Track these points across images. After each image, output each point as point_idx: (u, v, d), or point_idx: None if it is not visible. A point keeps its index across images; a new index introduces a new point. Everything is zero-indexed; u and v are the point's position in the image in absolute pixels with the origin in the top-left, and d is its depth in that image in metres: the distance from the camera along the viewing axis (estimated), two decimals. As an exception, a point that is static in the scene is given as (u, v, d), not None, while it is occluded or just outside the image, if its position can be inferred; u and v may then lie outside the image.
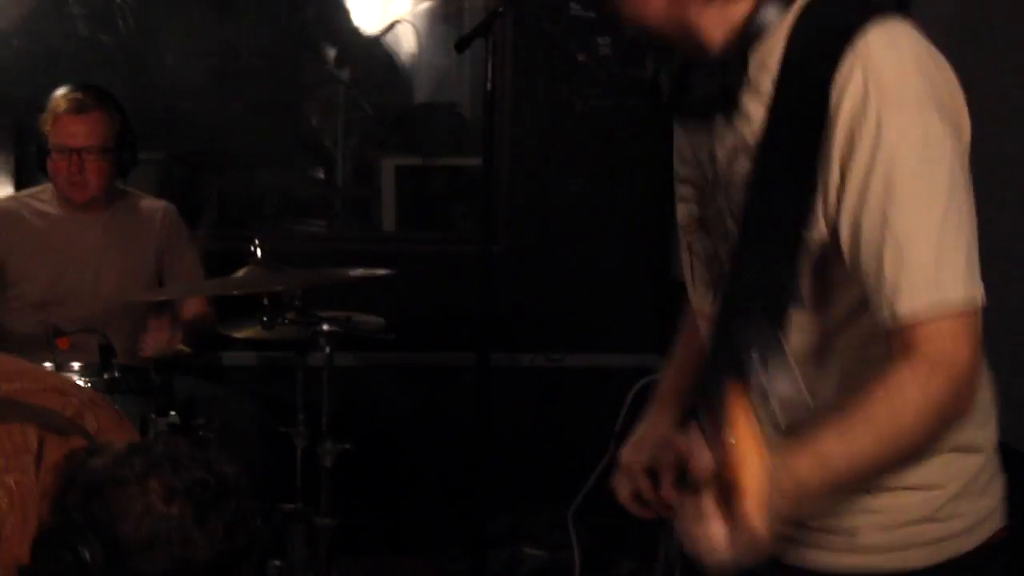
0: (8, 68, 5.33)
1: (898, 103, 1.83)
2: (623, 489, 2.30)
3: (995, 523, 2.12)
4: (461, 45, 4.23)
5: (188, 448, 2.27)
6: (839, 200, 1.86)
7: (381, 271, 4.00)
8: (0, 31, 5.43)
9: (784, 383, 1.76)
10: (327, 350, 3.97)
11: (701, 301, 2.29)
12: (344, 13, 5.71)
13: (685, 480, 2.10)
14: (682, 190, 2.25)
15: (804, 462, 1.78)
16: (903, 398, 1.80)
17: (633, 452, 2.33)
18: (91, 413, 2.45)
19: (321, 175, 5.91)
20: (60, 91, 4.30)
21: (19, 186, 4.87)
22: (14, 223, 4.37)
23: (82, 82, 4.36)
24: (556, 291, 5.00)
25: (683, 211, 2.29)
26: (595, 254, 4.98)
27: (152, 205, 4.60)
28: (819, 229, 1.91)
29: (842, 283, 1.94)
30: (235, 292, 4.07)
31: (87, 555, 2.12)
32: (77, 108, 4.24)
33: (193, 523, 2.17)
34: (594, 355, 5.07)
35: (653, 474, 2.24)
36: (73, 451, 2.31)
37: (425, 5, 5.77)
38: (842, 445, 1.80)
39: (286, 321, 3.95)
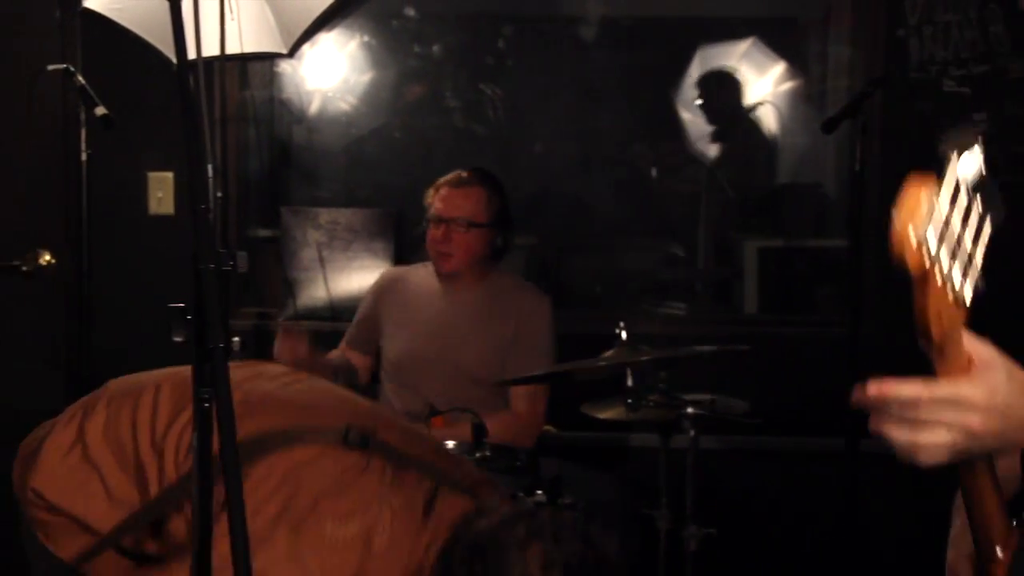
0: (390, 159, 5.58)
1: None
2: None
3: None
4: (829, 126, 4.21)
5: (571, 521, 2.32)
6: None
7: (743, 347, 3.99)
8: (384, 126, 5.70)
9: None
10: (691, 433, 3.94)
11: None
12: (707, 97, 5.77)
13: None
14: None
15: None
16: None
17: (955, 552, 2.23)
18: (484, 489, 2.51)
19: (681, 255, 5.93)
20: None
21: (397, 270, 5.07)
22: (394, 290, 4.55)
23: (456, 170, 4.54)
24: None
25: None
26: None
27: (526, 291, 4.65)
28: None
29: None
30: (606, 371, 4.09)
31: None
32: (457, 182, 4.40)
33: None
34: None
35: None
36: (465, 510, 2.39)
37: (787, 86, 5.78)
38: None
39: (650, 403, 3.96)
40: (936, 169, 4.49)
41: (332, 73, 5.65)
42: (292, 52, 5.05)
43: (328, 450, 2.50)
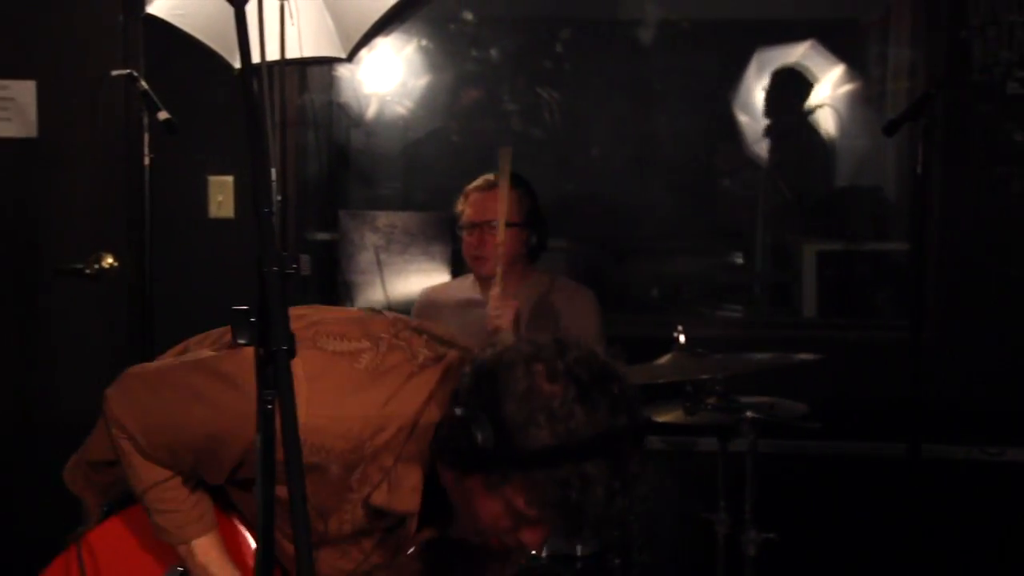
0: (447, 163, 5.61)
1: None
2: None
3: None
4: (891, 129, 4.20)
5: (575, 339, 2.32)
6: None
7: (807, 356, 3.97)
8: (441, 129, 5.72)
9: None
10: (751, 437, 3.95)
11: None
12: (765, 100, 5.76)
13: None
14: None
15: None
16: None
17: None
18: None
19: (739, 260, 5.92)
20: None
21: (454, 275, 5.08)
22: (434, 305, 4.60)
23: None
24: (991, 380, 4.83)
25: None
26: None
27: (570, 291, 4.65)
28: None
29: None
30: (661, 380, 4.08)
31: (479, 437, 2.20)
32: (486, 186, 4.42)
33: (575, 400, 2.20)
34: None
35: None
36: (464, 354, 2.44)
37: (846, 88, 5.76)
38: None
39: (708, 407, 3.96)
40: (999, 172, 4.50)
41: (390, 77, 5.69)
42: (351, 57, 5.09)
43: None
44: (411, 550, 2.54)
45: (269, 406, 1.97)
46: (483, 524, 2.36)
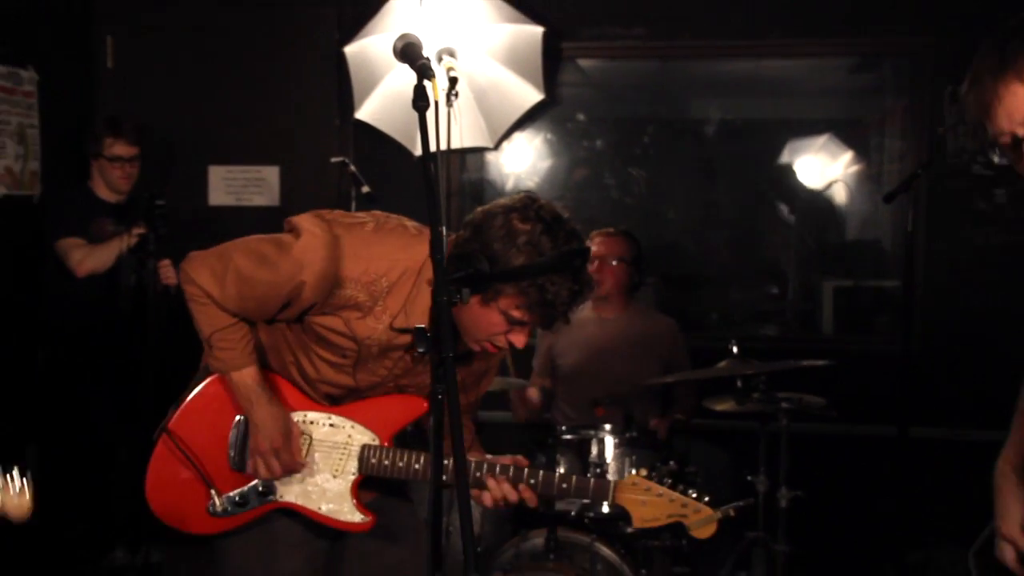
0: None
1: None
2: (1008, 554, 2.19)
3: None
4: (888, 198, 4.18)
5: (536, 197, 2.42)
6: None
7: (823, 362, 3.97)
8: (558, 198, 5.75)
9: None
10: (784, 421, 3.95)
11: None
12: (795, 176, 5.77)
13: None
14: None
15: None
16: None
17: (1006, 520, 2.21)
18: None
19: (776, 292, 5.90)
20: None
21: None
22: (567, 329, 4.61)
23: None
24: (962, 381, 4.80)
25: None
26: (994, 352, 4.74)
27: (659, 318, 4.67)
28: None
29: None
30: (721, 375, 4.09)
31: (478, 264, 2.31)
32: (608, 233, 4.46)
33: (542, 233, 2.32)
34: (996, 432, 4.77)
35: None
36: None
37: (854, 168, 5.72)
38: None
39: (753, 399, 3.97)
40: (967, 230, 4.43)
41: (523, 160, 5.69)
42: (496, 146, 5.17)
43: None
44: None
45: (440, 396, 2.05)
46: (482, 334, 2.44)
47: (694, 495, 2.55)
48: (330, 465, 2.61)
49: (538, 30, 4.98)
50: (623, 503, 2.57)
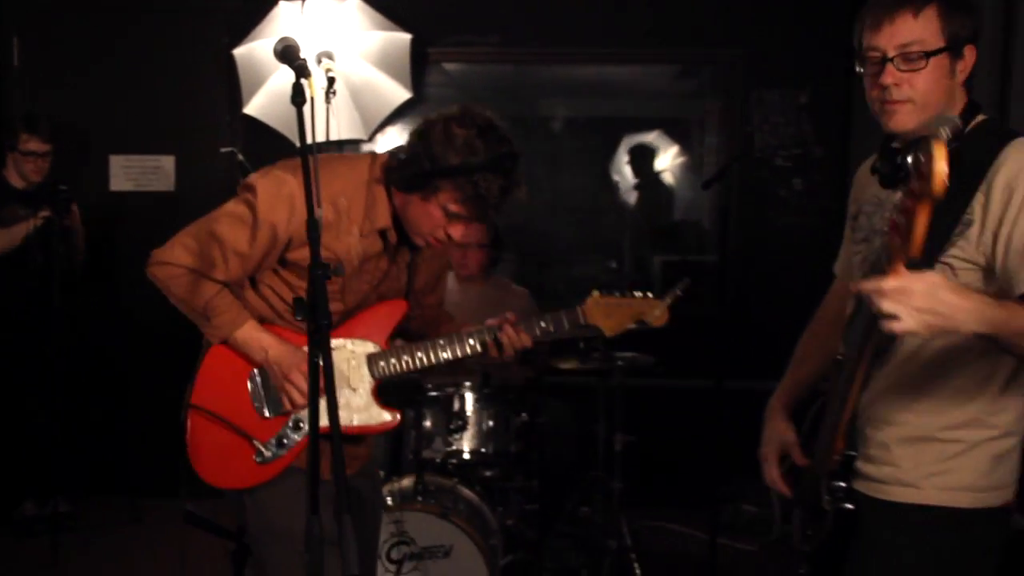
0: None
1: None
2: (768, 474, 2.23)
3: (1010, 494, 1.95)
4: (706, 185, 4.26)
5: (472, 107, 2.38)
6: (996, 228, 1.80)
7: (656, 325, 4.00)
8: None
9: None
10: (619, 377, 3.99)
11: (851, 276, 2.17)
12: (630, 166, 5.81)
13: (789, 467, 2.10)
14: (856, 223, 2.14)
15: (985, 298, 1.65)
16: None
17: (767, 447, 2.25)
18: None
19: (614, 266, 5.92)
20: None
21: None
22: None
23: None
24: (767, 340, 4.84)
25: (850, 249, 2.19)
26: (792, 315, 4.85)
27: (515, 289, 4.62)
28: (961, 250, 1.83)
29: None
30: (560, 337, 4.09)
31: (419, 164, 2.31)
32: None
33: (476, 136, 2.29)
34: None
35: (786, 458, 2.19)
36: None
37: (679, 160, 5.80)
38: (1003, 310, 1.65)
39: (593, 358, 3.99)
40: (771, 213, 4.48)
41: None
42: (370, 138, 5.11)
43: None
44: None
45: (315, 360, 1.97)
46: (425, 228, 2.41)
47: (642, 295, 2.65)
48: (345, 381, 2.49)
49: (406, 36, 5.01)
50: (593, 321, 2.61)
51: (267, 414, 2.48)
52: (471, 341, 2.54)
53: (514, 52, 5.38)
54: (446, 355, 2.54)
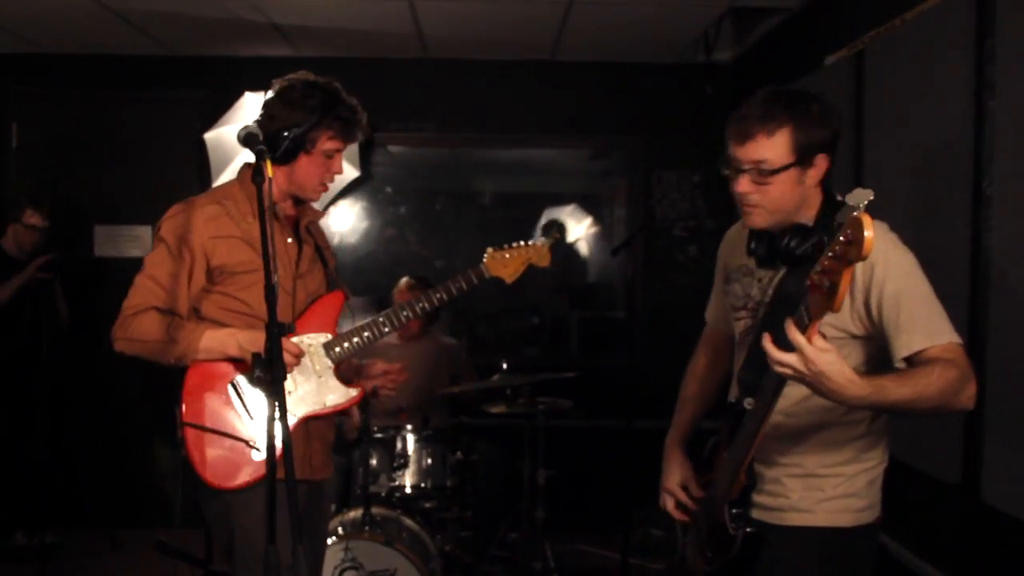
0: (377, 268, 5.56)
1: (901, 254, 1.86)
2: (668, 503, 2.26)
3: (879, 511, 2.05)
4: (615, 251, 4.31)
5: (279, 81, 2.44)
6: (865, 301, 1.85)
7: (571, 374, 4.04)
8: (366, 251, 5.66)
9: None
10: (542, 420, 3.99)
11: (727, 328, 2.24)
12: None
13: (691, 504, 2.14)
14: (729, 288, 2.20)
15: (865, 383, 1.67)
16: (929, 377, 1.73)
17: (669, 479, 2.28)
18: None
19: (536, 321, 5.94)
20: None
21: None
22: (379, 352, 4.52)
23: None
24: (669, 385, 4.94)
25: (722, 300, 2.25)
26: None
27: (449, 341, 4.65)
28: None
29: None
30: (495, 386, 4.11)
31: (292, 132, 2.35)
32: (412, 285, 4.29)
33: (304, 89, 2.38)
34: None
35: (684, 488, 2.22)
36: None
37: (592, 230, 5.83)
38: (896, 384, 1.71)
39: (520, 402, 4.01)
40: (670, 275, 4.54)
41: (346, 222, 5.56)
42: (324, 210, 5.04)
43: None
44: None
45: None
46: (316, 179, 2.44)
47: (526, 244, 2.73)
48: (309, 371, 2.46)
49: (357, 123, 4.98)
50: (495, 273, 2.67)
51: (252, 416, 2.41)
52: (405, 313, 2.58)
53: (449, 137, 5.43)
54: (387, 328, 2.57)
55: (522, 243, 2.72)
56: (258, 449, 2.38)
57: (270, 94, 2.43)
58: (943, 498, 2.84)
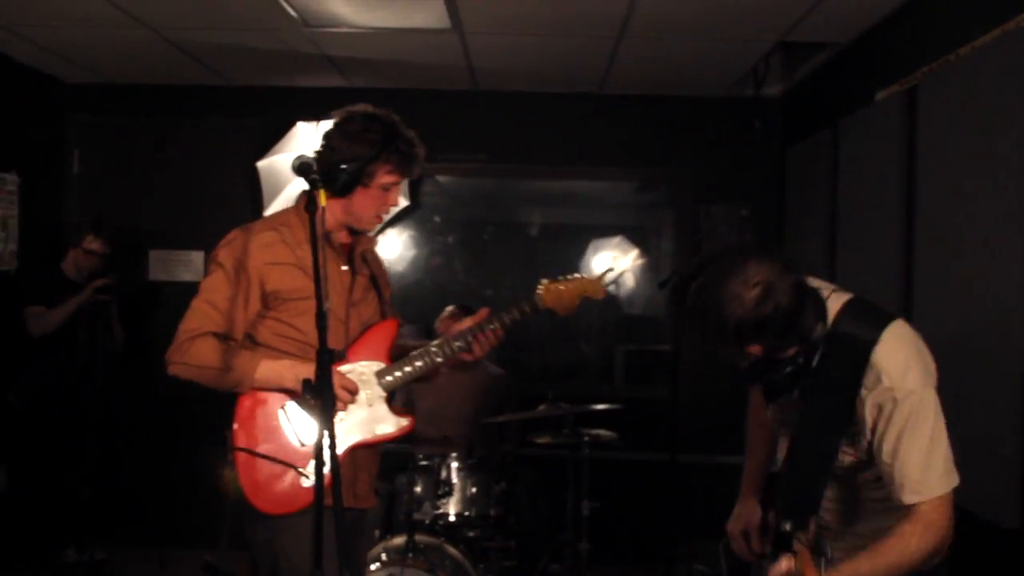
0: (425, 300, 5.61)
1: (906, 394, 1.85)
2: (735, 545, 2.28)
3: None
4: (662, 284, 4.25)
5: (337, 114, 2.47)
6: (872, 439, 1.91)
7: (615, 406, 4.01)
8: (414, 279, 5.69)
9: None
10: (587, 451, 3.97)
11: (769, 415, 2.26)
12: (596, 266, 5.84)
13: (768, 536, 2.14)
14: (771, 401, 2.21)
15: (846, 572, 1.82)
16: (908, 546, 1.82)
17: (734, 524, 2.30)
18: None
19: (582, 353, 5.89)
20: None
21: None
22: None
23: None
24: (715, 419, 4.88)
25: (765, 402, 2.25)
26: (736, 397, 4.88)
27: (495, 370, 4.64)
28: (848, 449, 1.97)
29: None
30: (541, 416, 4.10)
31: (349, 167, 2.39)
32: (454, 313, 4.29)
33: (363, 122, 2.42)
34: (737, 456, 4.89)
35: (747, 535, 2.25)
36: None
37: (639, 262, 5.81)
38: (869, 567, 1.82)
39: (564, 434, 3.99)
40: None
41: (394, 250, 5.61)
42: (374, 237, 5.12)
43: None
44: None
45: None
46: (372, 212, 2.46)
47: (581, 276, 2.66)
48: (360, 400, 2.47)
49: (406, 153, 5.02)
50: (549, 305, 2.63)
51: (302, 443, 2.42)
52: (457, 343, 2.57)
53: (497, 167, 5.47)
54: (439, 359, 2.55)
55: (577, 275, 2.68)
56: (307, 476, 2.39)
57: (329, 124, 2.47)
58: (1000, 543, 2.77)
